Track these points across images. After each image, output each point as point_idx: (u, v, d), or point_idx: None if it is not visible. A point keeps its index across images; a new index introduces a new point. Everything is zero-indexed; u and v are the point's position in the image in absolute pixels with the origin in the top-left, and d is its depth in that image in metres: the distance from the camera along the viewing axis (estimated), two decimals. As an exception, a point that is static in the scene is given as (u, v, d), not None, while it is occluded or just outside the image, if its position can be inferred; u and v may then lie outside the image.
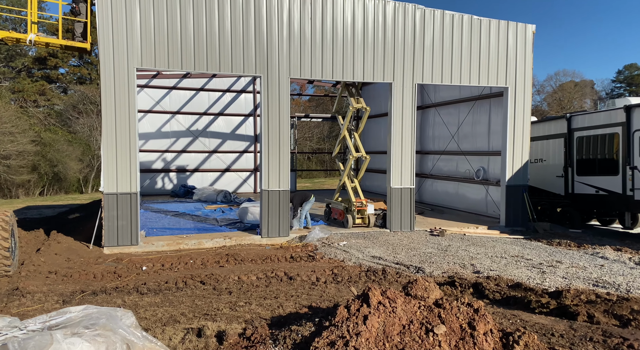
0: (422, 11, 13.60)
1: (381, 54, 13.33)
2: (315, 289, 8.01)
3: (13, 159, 28.64)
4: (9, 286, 7.69)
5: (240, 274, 8.83)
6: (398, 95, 13.58)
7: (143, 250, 11.47)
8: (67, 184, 34.16)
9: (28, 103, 38.75)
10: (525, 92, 14.62)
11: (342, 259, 10.48)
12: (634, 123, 12.81)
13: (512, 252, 11.23)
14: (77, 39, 11.89)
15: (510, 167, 14.60)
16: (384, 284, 8.38)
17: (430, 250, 11.28)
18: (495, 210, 15.95)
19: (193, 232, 13.21)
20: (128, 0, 11.20)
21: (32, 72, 42.04)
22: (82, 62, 43.20)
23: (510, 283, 8.09)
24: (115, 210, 11.31)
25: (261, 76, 12.40)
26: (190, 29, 11.72)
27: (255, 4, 12.18)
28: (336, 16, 12.91)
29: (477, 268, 9.60)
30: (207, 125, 24.98)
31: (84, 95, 37.92)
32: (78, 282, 8.40)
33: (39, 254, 10.07)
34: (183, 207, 18.58)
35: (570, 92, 48.52)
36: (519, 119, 14.57)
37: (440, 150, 19.47)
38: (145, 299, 7.24)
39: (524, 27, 14.50)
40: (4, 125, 28.25)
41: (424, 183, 20.53)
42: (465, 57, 13.99)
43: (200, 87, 24.49)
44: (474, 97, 17.23)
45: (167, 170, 24.40)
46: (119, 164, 11.35)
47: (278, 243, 12.47)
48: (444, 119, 19.18)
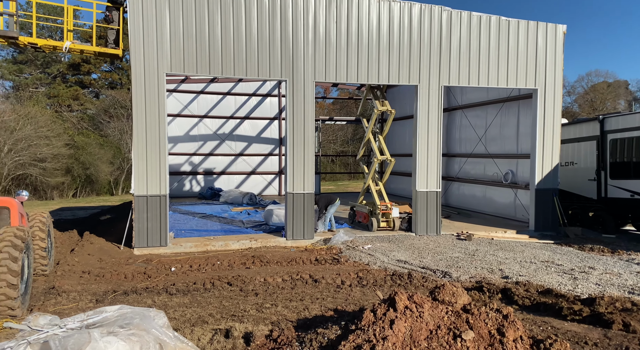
0: (449, 13, 13.46)
1: (407, 56, 13.26)
2: (340, 292, 8.02)
3: (48, 161, 29.69)
4: (46, 285, 7.98)
5: (266, 276, 8.92)
6: (424, 97, 13.48)
7: (172, 251, 11.71)
8: (98, 186, 35.18)
9: (62, 108, 40.14)
10: (555, 93, 14.28)
11: (367, 263, 10.45)
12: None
13: (542, 257, 10.96)
14: (109, 45, 12.27)
15: (540, 170, 14.27)
16: (410, 288, 8.32)
17: (457, 255, 11.13)
18: (524, 214, 15.61)
19: (220, 233, 13.41)
20: (158, 8, 11.50)
21: (67, 78, 43.53)
22: (114, 67, 44.48)
23: (540, 289, 7.91)
24: (145, 212, 11.59)
25: (286, 80, 12.51)
26: (218, 35, 11.93)
27: (282, 8, 12.31)
28: (361, 19, 12.92)
29: (505, 273, 9.42)
30: (233, 129, 25.34)
31: (115, 99, 39.04)
32: (110, 282, 8.65)
33: (73, 254, 10.42)
34: (210, 209, 18.89)
35: (602, 93, 47.03)
36: (548, 121, 14.23)
37: (467, 153, 19.19)
38: (174, 299, 7.40)
39: (554, 28, 14.18)
40: (41, 129, 29.34)
41: (451, 186, 20.26)
42: (492, 58, 13.78)
43: (227, 91, 24.88)
44: (502, 99, 16.93)
45: (195, 172, 24.85)
46: (149, 166, 11.64)
47: (303, 245, 12.53)
48: (471, 121, 18.90)
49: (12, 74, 40.51)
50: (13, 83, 41.09)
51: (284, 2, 12.30)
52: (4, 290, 5.92)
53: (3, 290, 5.92)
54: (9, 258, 6.04)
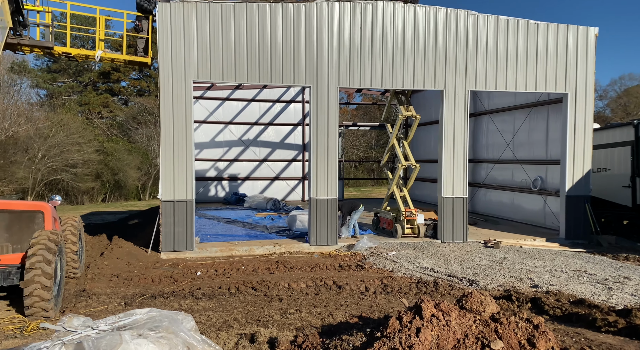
0: (475, 17, 13.30)
1: (432, 61, 13.15)
2: (364, 298, 7.95)
3: (79, 167, 30.59)
4: (77, 287, 8.20)
5: (290, 281, 8.93)
6: (449, 102, 13.32)
7: (198, 255, 11.87)
8: (126, 191, 36.02)
9: (93, 115, 41.36)
10: (586, 98, 13.89)
11: (391, 269, 10.35)
12: None
13: (574, 266, 10.63)
14: (139, 54, 12.60)
15: (571, 176, 13.87)
16: (436, 296, 8.19)
17: (484, 263, 10.90)
18: (554, 222, 15.19)
19: (244, 238, 13.52)
20: (186, 17, 11.75)
21: (97, 86, 44.87)
22: (142, 75, 45.62)
23: (572, 299, 7.66)
24: (172, 217, 11.79)
25: (310, 86, 12.57)
26: (244, 42, 12.10)
27: (306, 15, 12.41)
28: (386, 24, 12.90)
29: (535, 282, 9.17)
30: (257, 135, 25.60)
31: (143, 106, 39.99)
32: (138, 286, 8.82)
33: (103, 258, 10.67)
34: (235, 214, 19.08)
35: (637, 97, 45.48)
36: (580, 126, 13.85)
37: (494, 158, 18.84)
38: (200, 303, 7.48)
39: (585, 30, 13.83)
40: (72, 136, 30.28)
41: (477, 192, 19.91)
42: (521, 62, 13.52)
43: (251, 97, 25.19)
44: (530, 103, 16.58)
45: (220, 178, 25.18)
46: (176, 172, 11.85)
47: (326, 251, 12.50)
48: (498, 126, 18.57)
49: (47, 83, 42.03)
50: (47, 91, 42.62)
51: (308, 10, 12.39)
52: (38, 292, 6.11)
53: (37, 292, 6.11)
54: (43, 261, 6.23)
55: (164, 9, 11.63)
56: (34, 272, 6.15)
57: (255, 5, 12.12)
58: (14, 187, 25.96)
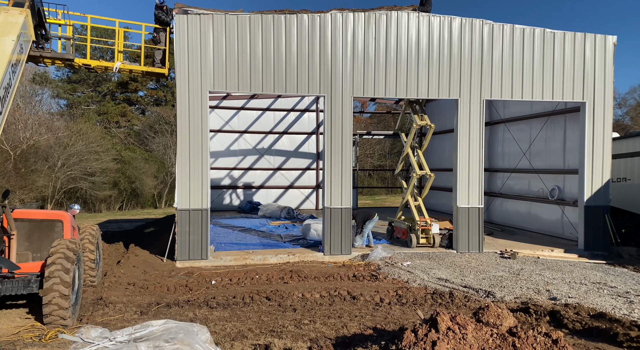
0: (490, 26, 13.25)
1: (447, 70, 13.11)
2: (379, 310, 7.90)
3: (97, 175, 31.15)
4: (94, 296, 8.30)
5: (304, 291, 8.91)
6: (465, 111, 13.25)
7: (212, 264, 11.93)
8: (143, 199, 36.50)
9: (111, 124, 42.13)
10: (605, 107, 13.69)
11: (406, 280, 10.26)
12: None
13: (593, 278, 10.41)
14: (156, 65, 12.83)
15: (590, 186, 13.63)
16: (452, 308, 8.08)
17: (500, 274, 10.74)
18: (572, 232, 14.91)
19: (258, 247, 13.56)
20: (203, 29, 11.94)
21: (115, 96, 45.73)
22: (159, 85, 46.37)
23: (592, 312, 7.49)
24: (187, 226, 11.89)
25: (325, 96, 12.63)
26: (259, 53, 12.24)
27: (321, 26, 12.51)
28: (400, 34, 12.93)
29: (553, 294, 8.99)
30: (272, 144, 25.76)
31: (159, 116, 40.61)
32: (153, 294, 8.89)
33: (119, 266, 10.81)
34: (249, 222, 19.16)
35: (657, 105, 44.54)
36: (598, 135, 13.63)
37: (510, 167, 18.62)
38: (215, 313, 7.51)
39: (603, 39, 13.66)
40: (91, 145, 30.88)
41: (493, 202, 19.67)
42: (537, 71, 13.40)
43: (266, 107, 25.40)
44: (547, 112, 16.39)
45: (234, 186, 25.35)
46: (192, 181, 11.97)
47: (340, 261, 12.46)
48: (514, 135, 18.38)
49: (67, 93, 42.98)
50: (67, 101, 43.57)
51: (323, 20, 12.50)
52: (56, 301, 6.21)
53: (56, 301, 6.20)
54: (62, 269, 6.33)
55: (181, 20, 11.84)
56: (53, 280, 6.26)
57: (270, 17, 12.27)
58: (34, 195, 26.52)
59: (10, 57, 7.25)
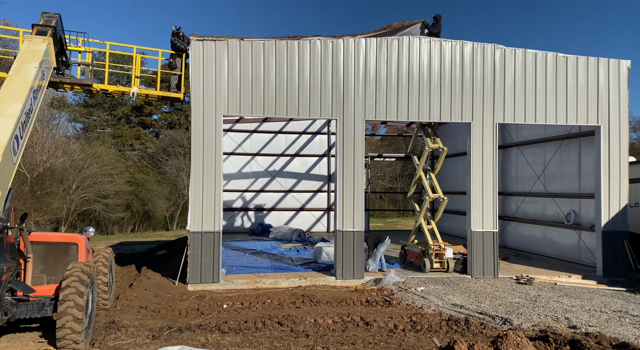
0: (502, 51, 13.34)
1: (459, 94, 13.17)
2: (393, 336, 7.73)
3: (111, 198, 31.46)
4: (107, 319, 8.27)
5: (316, 317, 8.78)
6: (477, 135, 13.22)
7: (224, 288, 11.86)
8: (155, 221, 36.67)
9: (125, 147, 42.79)
10: (620, 131, 13.57)
11: (420, 306, 10.07)
12: None
13: (614, 306, 10.11)
14: (172, 90, 13.10)
15: (607, 211, 13.40)
16: (468, 335, 7.89)
17: (517, 300, 10.49)
18: (590, 258, 14.58)
19: (270, 270, 13.46)
20: (218, 54, 12.21)
21: (130, 119, 46.58)
22: (173, 108, 47.19)
23: (614, 342, 7.25)
24: (199, 248, 11.89)
25: (337, 119, 12.72)
26: (273, 78, 12.44)
27: (333, 51, 12.71)
28: (412, 58, 13.06)
29: (572, 322, 8.74)
30: (283, 166, 25.89)
31: (173, 139, 41.18)
32: (165, 318, 8.83)
33: (132, 289, 10.79)
34: (260, 245, 19.10)
35: (672, 128, 44.03)
36: (614, 159, 13.47)
37: (524, 191, 18.41)
38: (227, 338, 7.42)
39: (616, 63, 13.65)
40: (105, 167, 31.32)
41: (507, 226, 19.39)
42: (550, 95, 13.39)
43: (278, 129, 25.64)
44: (561, 136, 16.28)
45: (246, 209, 25.40)
46: (205, 204, 12.02)
47: (353, 285, 12.30)
48: (527, 158, 18.25)
49: (83, 117, 43.92)
50: (83, 124, 44.48)
51: (335, 46, 12.71)
52: (70, 324, 6.19)
53: (69, 324, 6.19)
54: (76, 293, 6.34)
55: (197, 47, 12.13)
56: (67, 304, 6.26)
57: (284, 43, 12.52)
58: (49, 218, 26.82)
59: (32, 84, 7.46)
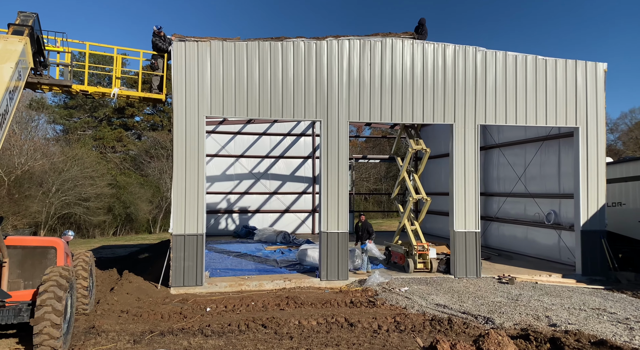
0: (483, 53, 13.53)
1: (441, 95, 13.30)
2: (377, 337, 7.75)
3: (92, 201, 30.90)
4: (86, 324, 8.11)
5: (300, 318, 8.76)
6: (459, 136, 13.37)
7: (207, 291, 11.74)
8: (137, 224, 36.16)
9: (107, 149, 42.13)
10: (598, 132, 13.87)
11: (404, 306, 10.12)
12: None
13: (592, 304, 10.31)
14: (154, 91, 12.93)
15: (585, 210, 13.67)
16: (451, 335, 7.95)
17: (499, 300, 10.62)
18: (569, 257, 14.86)
19: (254, 273, 13.38)
20: (200, 55, 12.11)
21: (112, 121, 45.89)
22: (155, 110, 46.64)
23: (593, 339, 7.38)
24: (182, 251, 11.75)
25: (321, 120, 12.73)
26: (256, 79, 12.39)
27: (317, 53, 12.72)
28: (395, 61, 13.15)
29: (553, 321, 8.88)
30: (268, 168, 25.80)
31: (155, 141, 40.70)
32: (147, 322, 8.71)
33: (113, 293, 10.60)
34: (244, 247, 18.98)
35: (648, 130, 45.21)
36: (592, 160, 13.77)
37: (506, 192, 18.68)
38: (210, 341, 7.35)
39: (593, 66, 13.96)
40: (86, 170, 30.76)
41: (489, 226, 19.64)
42: (530, 97, 13.62)
43: (262, 131, 25.55)
44: (541, 137, 16.57)
45: (230, 211, 25.23)
46: (188, 206, 11.90)
47: (337, 286, 12.30)
48: (509, 159, 18.52)
49: (63, 118, 43.11)
50: (63, 126, 43.66)
51: (319, 47, 12.72)
52: (47, 330, 6.05)
53: (47, 330, 6.05)
54: (54, 298, 6.20)
55: (179, 47, 12.02)
56: (45, 309, 6.11)
57: (267, 44, 12.49)
58: (28, 221, 26.22)
59: (8, 84, 7.29)
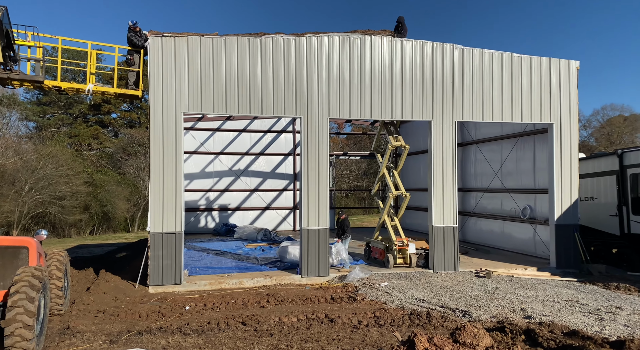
0: (461, 50, 13.70)
1: (420, 93, 13.43)
2: (357, 332, 7.81)
3: (67, 199, 30.23)
4: (61, 325, 7.94)
5: (280, 315, 8.76)
6: (438, 133, 13.53)
7: (186, 289, 11.63)
8: (115, 223, 35.54)
9: (83, 146, 41.24)
10: (571, 128, 14.21)
11: (383, 301, 10.21)
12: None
13: (566, 296, 10.59)
14: (130, 87, 12.69)
15: (559, 205, 14.01)
16: (429, 328, 8.07)
17: (476, 293, 10.82)
18: (544, 251, 15.22)
19: (234, 271, 13.31)
20: (178, 51, 11.94)
21: (88, 118, 44.92)
22: (133, 107, 45.84)
23: (565, 330, 7.59)
24: (160, 250, 11.60)
25: (301, 117, 12.71)
26: (235, 75, 12.29)
27: (296, 49, 12.68)
28: (374, 58, 13.21)
29: (528, 313, 9.09)
30: (248, 165, 25.64)
31: (133, 138, 40.02)
32: (124, 322, 8.58)
33: (89, 293, 10.41)
34: (224, 245, 18.84)
35: (619, 127, 46.63)
36: (565, 155, 14.10)
37: (483, 187, 19.00)
38: (189, 340, 7.28)
39: (567, 64, 14.28)
40: (61, 168, 30.06)
41: (467, 221, 19.96)
42: (506, 94, 13.86)
43: (242, 128, 25.36)
44: (517, 133, 16.90)
45: (210, 209, 24.99)
46: (166, 204, 11.75)
47: (318, 283, 12.34)
48: (486, 155, 18.83)
49: (36, 115, 41.98)
50: (36, 124, 42.53)
51: (298, 44, 12.68)
52: (19, 332, 5.91)
53: (19, 332, 5.90)
54: (26, 298, 6.05)
55: (155, 43, 11.82)
56: (16, 310, 5.96)
57: (246, 39, 12.38)
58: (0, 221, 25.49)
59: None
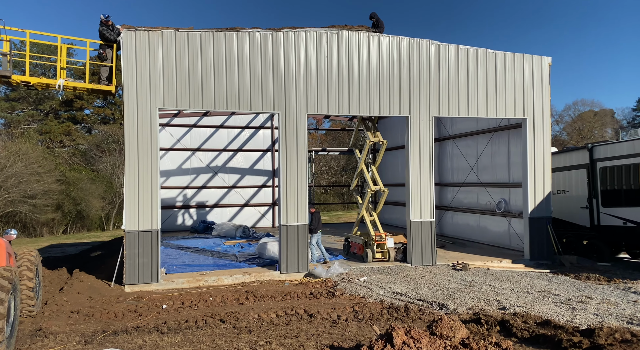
0: (437, 46, 13.83)
1: (397, 88, 13.52)
2: (336, 327, 7.84)
3: (39, 198, 29.39)
4: (33, 327, 7.73)
5: (259, 312, 8.72)
6: (415, 128, 13.66)
7: (163, 287, 11.47)
8: (89, 221, 34.75)
9: (54, 143, 40.11)
10: (544, 123, 14.54)
11: (362, 295, 10.29)
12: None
13: (539, 286, 10.87)
14: (102, 82, 12.39)
15: (533, 198, 14.35)
16: (407, 321, 8.16)
17: (453, 286, 11.00)
18: (518, 243, 15.57)
19: (212, 268, 13.19)
20: (152, 45, 11.70)
21: (59, 114, 43.70)
22: (106, 102, 44.79)
23: (538, 320, 7.79)
24: (136, 248, 11.41)
25: (279, 113, 12.65)
26: (211, 70, 12.12)
27: (273, 44, 12.58)
28: (352, 53, 13.23)
29: (502, 304, 9.30)
30: (226, 161, 25.39)
31: (107, 134, 39.15)
32: (99, 322, 8.40)
33: (62, 293, 10.15)
34: (202, 243, 18.65)
35: (590, 122, 48.05)
36: (538, 150, 14.44)
37: (459, 182, 19.30)
38: (166, 338, 7.19)
39: (539, 60, 14.58)
40: (31, 166, 29.17)
41: (444, 215, 20.26)
42: (481, 89, 14.08)
43: (219, 124, 25.08)
44: (492, 128, 17.20)
45: (187, 206, 24.68)
46: (141, 201, 11.54)
47: (297, 279, 12.34)
48: (462, 150, 19.12)
49: (4, 111, 40.61)
50: (5, 120, 41.16)
51: (275, 39, 12.59)
52: (-12, 334, 5.72)
53: (-13, 334, 5.71)
54: (-5, 300, 5.85)
55: (129, 37, 11.56)
56: (-15, 312, 5.76)
57: (222, 34, 12.22)
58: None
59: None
